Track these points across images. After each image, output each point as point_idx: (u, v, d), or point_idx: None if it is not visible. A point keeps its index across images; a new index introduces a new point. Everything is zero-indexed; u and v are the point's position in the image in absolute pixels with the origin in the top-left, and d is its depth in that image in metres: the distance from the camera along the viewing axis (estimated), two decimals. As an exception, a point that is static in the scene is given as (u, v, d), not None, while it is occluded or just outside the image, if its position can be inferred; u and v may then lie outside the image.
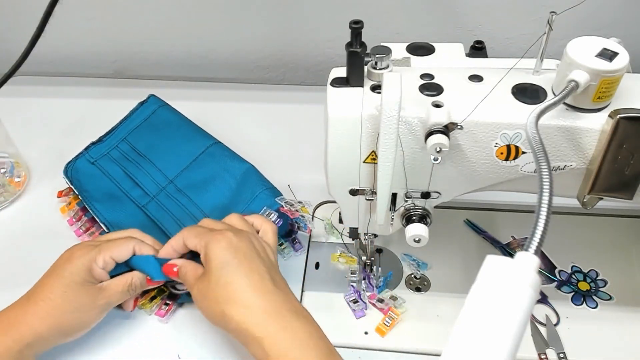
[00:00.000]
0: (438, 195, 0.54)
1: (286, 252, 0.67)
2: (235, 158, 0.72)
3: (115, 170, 0.74)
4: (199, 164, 0.72)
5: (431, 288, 0.64)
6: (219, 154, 0.72)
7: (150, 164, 0.73)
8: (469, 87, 0.49)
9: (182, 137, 0.75)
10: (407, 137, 0.48)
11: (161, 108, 0.78)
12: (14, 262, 0.69)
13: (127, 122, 0.78)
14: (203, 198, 0.69)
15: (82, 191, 0.72)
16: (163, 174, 0.72)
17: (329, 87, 0.50)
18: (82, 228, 0.71)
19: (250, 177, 0.69)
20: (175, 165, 0.72)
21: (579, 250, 0.67)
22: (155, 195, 0.70)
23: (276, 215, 0.64)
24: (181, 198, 0.69)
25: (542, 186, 0.37)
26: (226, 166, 0.71)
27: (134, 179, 0.72)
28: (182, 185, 0.70)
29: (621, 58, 0.44)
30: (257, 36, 0.94)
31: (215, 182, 0.70)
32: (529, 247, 0.34)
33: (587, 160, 0.48)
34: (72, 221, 0.72)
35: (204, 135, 0.75)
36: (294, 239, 0.68)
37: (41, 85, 0.97)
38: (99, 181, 0.73)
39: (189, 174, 0.71)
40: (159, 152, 0.74)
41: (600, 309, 0.61)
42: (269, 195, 0.67)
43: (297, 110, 0.89)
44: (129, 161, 0.74)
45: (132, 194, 0.71)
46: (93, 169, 0.74)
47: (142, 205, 0.70)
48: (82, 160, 0.75)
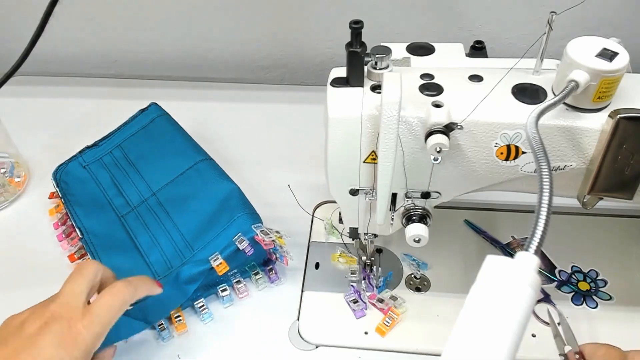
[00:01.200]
0: (438, 195, 0.54)
1: (260, 282, 0.64)
2: (221, 177, 0.69)
3: (103, 176, 0.73)
4: (185, 179, 0.70)
5: (431, 288, 0.64)
6: (206, 171, 0.70)
7: (137, 174, 0.72)
8: (469, 87, 0.49)
9: (173, 150, 0.73)
10: (407, 137, 0.48)
11: (160, 117, 0.78)
12: (14, 262, 0.69)
13: (125, 128, 0.77)
14: (181, 215, 0.67)
15: (66, 194, 0.72)
16: (147, 186, 0.71)
17: (329, 87, 0.50)
18: (65, 233, 0.70)
19: (232, 199, 0.66)
20: (161, 178, 0.71)
21: (579, 250, 0.67)
22: (136, 206, 0.69)
23: (247, 243, 0.61)
24: (160, 212, 0.68)
25: (542, 186, 0.37)
26: (211, 185, 0.68)
27: (119, 187, 0.72)
28: (164, 199, 0.69)
29: (621, 58, 0.44)
30: (257, 36, 0.94)
31: (196, 199, 0.67)
32: (529, 247, 0.34)
33: (587, 160, 0.48)
34: (58, 225, 0.72)
35: (196, 150, 0.73)
36: (271, 269, 0.65)
37: (41, 85, 0.97)
38: (87, 186, 0.73)
39: (172, 188, 0.69)
40: (148, 163, 0.73)
41: (600, 309, 0.61)
42: (246, 220, 0.63)
43: (297, 110, 0.89)
44: (118, 168, 0.74)
45: (115, 202, 0.71)
46: (84, 173, 0.74)
47: (122, 214, 0.69)
48: (75, 163, 0.75)
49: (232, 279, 0.64)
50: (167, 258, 0.64)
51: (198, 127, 0.78)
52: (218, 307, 0.63)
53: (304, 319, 0.61)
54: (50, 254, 0.69)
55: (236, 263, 0.63)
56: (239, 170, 0.72)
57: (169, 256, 0.64)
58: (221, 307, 0.63)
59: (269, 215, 0.69)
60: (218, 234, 0.64)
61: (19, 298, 0.55)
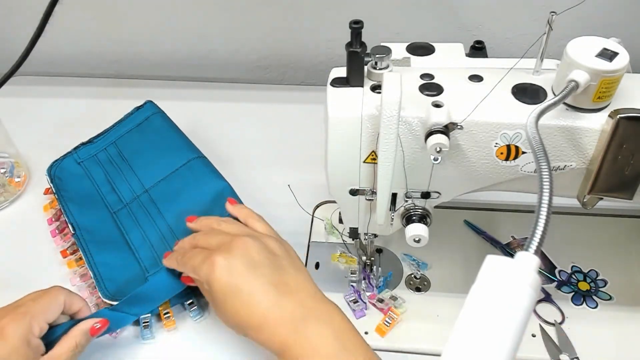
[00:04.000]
0: (438, 195, 0.54)
1: None
2: (213, 175, 0.69)
3: (97, 173, 0.74)
4: (177, 176, 0.70)
5: (431, 288, 0.64)
6: (198, 169, 0.70)
7: (131, 171, 0.73)
8: (469, 87, 0.49)
9: (166, 147, 0.74)
10: (407, 137, 0.48)
11: (155, 115, 0.78)
12: (14, 262, 0.69)
13: (120, 125, 0.78)
14: (173, 213, 0.67)
15: (60, 190, 0.72)
16: (140, 182, 0.71)
17: (329, 87, 0.50)
18: (58, 229, 0.71)
19: (223, 197, 0.65)
20: (153, 175, 0.71)
21: (579, 250, 0.67)
22: (128, 202, 0.70)
23: None
24: (152, 209, 0.68)
25: (542, 186, 0.37)
26: (202, 182, 0.69)
27: (112, 184, 0.72)
28: (156, 197, 0.69)
29: (621, 58, 0.44)
30: (257, 36, 0.94)
31: (188, 197, 0.68)
32: (529, 247, 0.34)
33: (587, 160, 0.48)
34: (52, 220, 0.72)
35: (189, 148, 0.73)
36: None
37: (41, 85, 0.97)
38: (81, 182, 0.73)
39: (165, 185, 0.70)
40: (141, 160, 0.73)
41: (600, 309, 0.61)
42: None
43: (297, 110, 0.89)
44: (112, 165, 0.74)
45: (108, 199, 0.71)
46: (78, 169, 0.74)
47: (114, 211, 0.69)
48: (70, 159, 0.75)
49: None
50: (157, 254, 0.64)
51: (198, 127, 0.78)
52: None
53: (304, 319, 0.61)
54: (50, 254, 0.69)
55: None
56: (239, 170, 0.72)
57: (159, 252, 0.64)
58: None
59: (269, 215, 0.69)
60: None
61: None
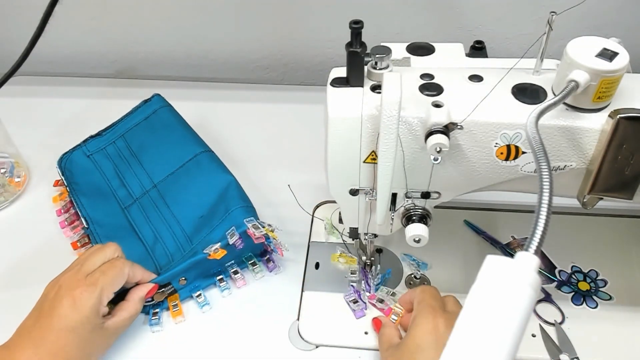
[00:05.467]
0: (438, 195, 0.54)
1: (257, 271, 0.65)
2: (220, 169, 0.70)
3: (107, 167, 0.74)
4: (185, 171, 0.70)
5: (431, 288, 0.64)
6: (206, 163, 0.71)
7: (139, 165, 0.73)
8: (469, 87, 0.49)
9: (174, 141, 0.74)
10: (407, 137, 0.48)
11: (162, 108, 0.78)
12: (14, 262, 0.69)
13: (128, 119, 0.78)
14: (181, 207, 0.68)
15: (71, 183, 0.72)
16: (149, 177, 0.71)
17: (329, 87, 0.50)
18: (68, 220, 0.71)
19: (230, 192, 0.67)
20: (162, 169, 0.71)
21: (579, 250, 0.67)
22: (138, 197, 0.70)
23: (238, 237, 0.62)
24: (161, 204, 0.69)
25: (542, 186, 0.37)
26: (209, 177, 0.69)
27: (122, 178, 0.72)
28: (164, 191, 0.70)
29: (621, 58, 0.44)
30: (257, 36, 0.94)
31: (196, 192, 0.68)
32: (529, 247, 0.34)
33: (587, 160, 0.48)
34: (61, 212, 0.73)
35: (196, 142, 0.74)
36: (268, 259, 0.66)
37: (41, 85, 0.97)
38: (91, 175, 0.73)
39: (173, 180, 0.70)
40: (149, 154, 0.74)
41: (600, 309, 0.61)
42: (241, 213, 0.64)
43: (297, 110, 0.89)
44: (121, 159, 0.74)
45: (118, 194, 0.71)
46: (88, 162, 0.75)
47: (125, 206, 0.70)
48: (79, 152, 0.76)
49: (230, 269, 0.65)
50: (169, 252, 0.66)
51: (198, 127, 0.78)
52: (217, 301, 0.64)
53: (304, 319, 0.61)
54: (51, 254, 0.69)
55: (232, 255, 0.64)
56: (239, 170, 0.72)
57: (170, 250, 0.66)
58: (220, 299, 0.64)
59: (269, 215, 0.69)
60: (214, 228, 0.65)
61: (19, 298, 0.55)
